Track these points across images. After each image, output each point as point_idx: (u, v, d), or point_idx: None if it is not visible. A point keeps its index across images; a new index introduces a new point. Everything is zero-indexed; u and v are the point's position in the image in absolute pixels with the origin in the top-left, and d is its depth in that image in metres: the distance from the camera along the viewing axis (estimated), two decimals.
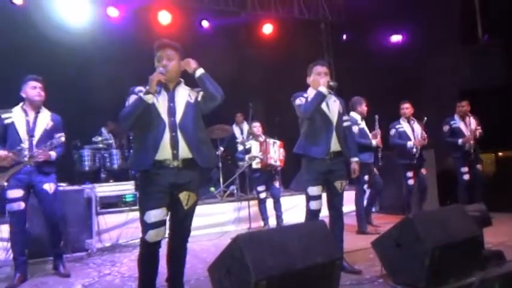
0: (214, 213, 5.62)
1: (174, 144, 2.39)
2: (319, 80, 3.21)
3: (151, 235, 2.33)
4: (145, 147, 2.37)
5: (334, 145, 3.18)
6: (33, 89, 3.53)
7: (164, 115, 2.41)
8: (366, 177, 4.96)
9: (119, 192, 5.19)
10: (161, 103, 2.43)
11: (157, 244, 2.38)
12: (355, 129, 4.67)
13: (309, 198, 3.18)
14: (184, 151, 2.41)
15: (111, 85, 6.39)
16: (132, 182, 5.41)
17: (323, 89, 3.13)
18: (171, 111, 2.44)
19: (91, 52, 6.71)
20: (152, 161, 2.35)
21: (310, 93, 3.26)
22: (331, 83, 3.18)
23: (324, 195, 3.30)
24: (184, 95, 2.54)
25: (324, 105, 3.20)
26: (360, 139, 4.73)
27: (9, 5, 6.37)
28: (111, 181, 5.81)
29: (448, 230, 2.70)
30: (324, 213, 3.31)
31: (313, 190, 3.16)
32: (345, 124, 3.38)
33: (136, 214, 4.98)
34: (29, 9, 6.47)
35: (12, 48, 6.14)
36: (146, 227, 2.34)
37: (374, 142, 4.95)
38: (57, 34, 6.42)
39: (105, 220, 4.85)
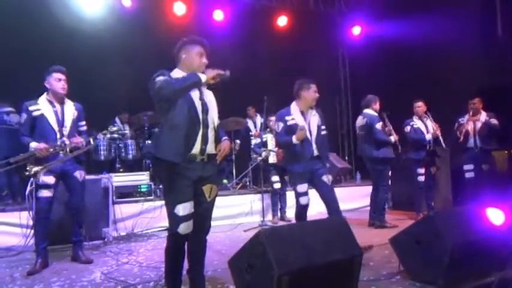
0: (227, 205, 5.65)
1: (205, 141, 2.45)
2: None
3: (183, 228, 2.36)
4: (178, 140, 2.37)
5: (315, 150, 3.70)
6: (57, 82, 3.51)
7: (199, 112, 2.45)
8: (390, 173, 5.16)
9: (134, 183, 5.25)
10: (196, 100, 2.45)
11: (187, 237, 2.41)
12: (378, 126, 4.94)
13: (298, 195, 3.70)
14: (210, 147, 2.49)
15: (127, 75, 6.43)
16: (147, 173, 5.46)
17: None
18: (205, 109, 2.48)
19: (106, 42, 6.75)
20: (186, 156, 2.38)
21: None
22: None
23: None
24: (210, 93, 2.59)
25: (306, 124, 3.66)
26: (382, 136, 4.94)
27: None
28: (121, 170, 5.86)
29: (468, 229, 2.71)
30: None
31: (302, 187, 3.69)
32: (323, 133, 3.81)
33: (151, 204, 5.11)
34: None
35: (28, 37, 6.18)
36: (178, 220, 2.35)
37: (392, 139, 5.04)
38: (73, 23, 6.46)
39: (121, 209, 4.92)
